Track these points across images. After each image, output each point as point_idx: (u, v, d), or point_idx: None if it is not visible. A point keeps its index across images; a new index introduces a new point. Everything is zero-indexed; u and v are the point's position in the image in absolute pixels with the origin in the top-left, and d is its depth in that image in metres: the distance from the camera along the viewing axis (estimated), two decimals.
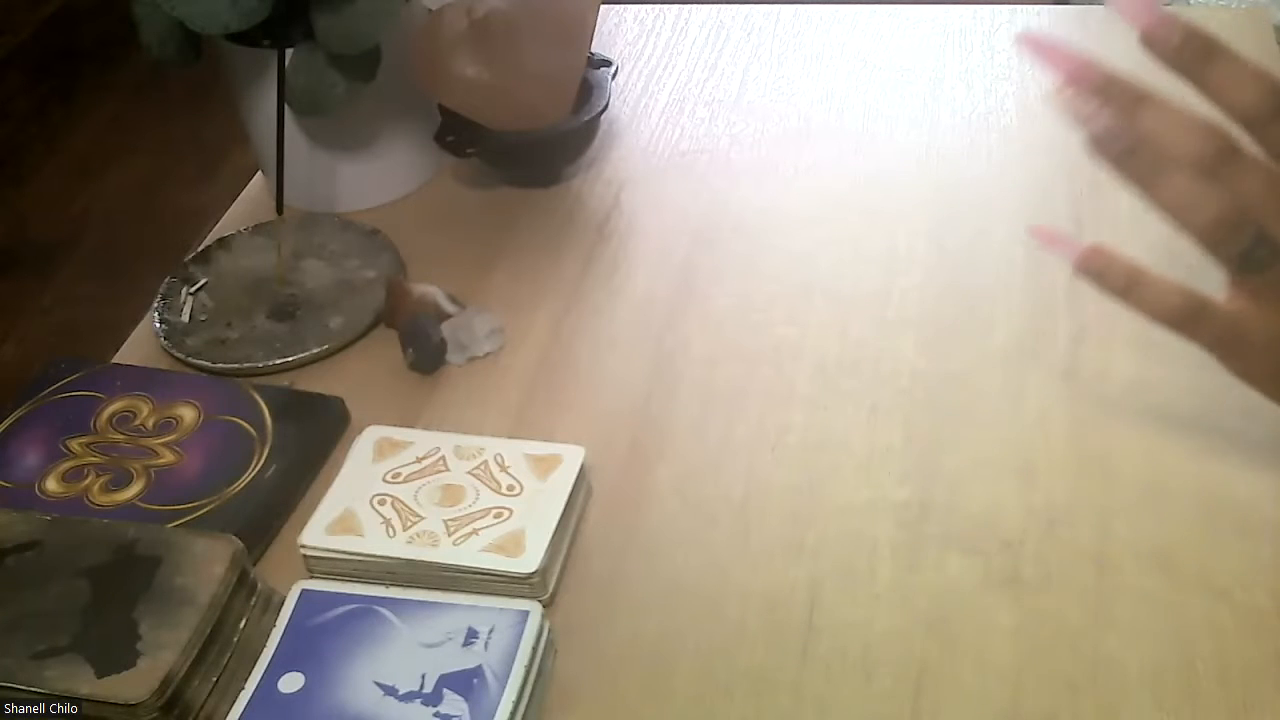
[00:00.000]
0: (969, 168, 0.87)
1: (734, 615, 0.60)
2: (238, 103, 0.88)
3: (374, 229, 0.85)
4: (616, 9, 1.07)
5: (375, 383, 0.75)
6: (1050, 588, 0.60)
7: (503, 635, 0.57)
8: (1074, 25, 1.00)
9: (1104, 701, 0.55)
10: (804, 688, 0.57)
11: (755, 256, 0.82)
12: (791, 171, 0.89)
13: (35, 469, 0.69)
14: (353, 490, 0.65)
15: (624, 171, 0.90)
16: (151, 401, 0.73)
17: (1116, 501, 0.63)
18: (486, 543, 0.61)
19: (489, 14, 0.82)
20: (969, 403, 0.70)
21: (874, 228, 0.82)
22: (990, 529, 0.63)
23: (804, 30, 1.03)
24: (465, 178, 0.91)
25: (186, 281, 0.83)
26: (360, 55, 0.79)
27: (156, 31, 0.80)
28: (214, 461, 0.69)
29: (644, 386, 0.73)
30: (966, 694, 0.56)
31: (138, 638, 0.55)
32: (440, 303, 0.76)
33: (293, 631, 0.58)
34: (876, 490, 0.65)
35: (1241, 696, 0.55)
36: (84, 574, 0.58)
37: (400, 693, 0.55)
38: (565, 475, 0.64)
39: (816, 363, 0.73)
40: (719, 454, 0.68)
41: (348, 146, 0.88)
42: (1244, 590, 0.58)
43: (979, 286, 0.77)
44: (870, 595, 0.60)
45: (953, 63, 0.97)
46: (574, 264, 0.82)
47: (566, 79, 0.83)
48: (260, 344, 0.78)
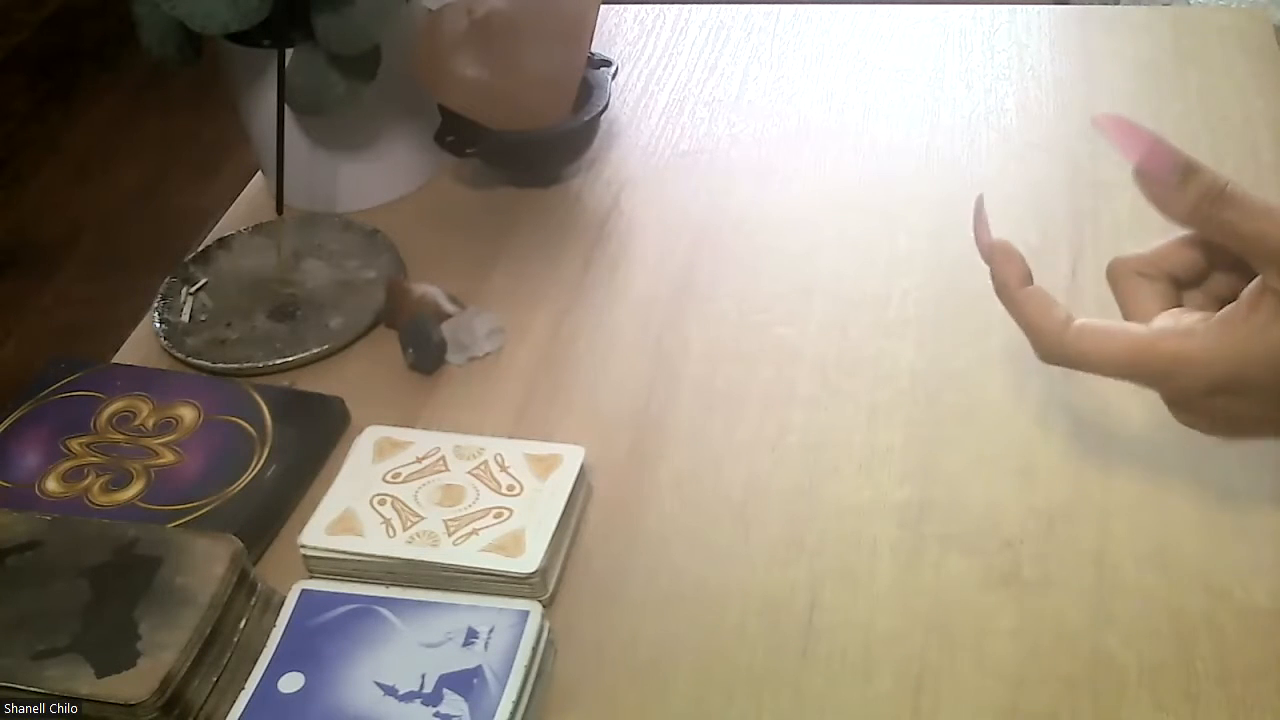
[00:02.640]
0: (969, 168, 0.87)
1: (734, 615, 0.60)
2: (238, 103, 0.88)
3: (374, 229, 0.85)
4: (616, 9, 1.07)
5: (375, 383, 0.75)
6: (1050, 588, 0.60)
7: (503, 635, 0.57)
8: (1074, 25, 1.00)
9: (1104, 701, 0.55)
10: (804, 688, 0.57)
11: (755, 256, 0.82)
12: (791, 171, 0.89)
13: (35, 469, 0.69)
14: (353, 490, 0.65)
15: (624, 171, 0.90)
16: (151, 401, 0.73)
17: (1116, 501, 0.63)
18: (486, 543, 0.61)
19: (489, 14, 0.82)
20: (969, 403, 0.70)
21: (874, 228, 0.82)
22: (990, 529, 0.63)
23: (804, 30, 1.03)
24: (465, 178, 0.91)
25: (186, 281, 0.83)
26: (360, 55, 0.79)
27: (156, 31, 0.80)
28: (214, 461, 0.69)
29: (644, 386, 0.73)
30: (966, 694, 0.56)
31: (138, 638, 0.55)
32: (440, 303, 0.76)
33: (293, 631, 0.58)
34: (876, 490, 0.65)
35: (1241, 696, 0.55)
36: (84, 574, 0.58)
37: (400, 693, 0.55)
38: (565, 475, 0.64)
39: (816, 363, 0.73)
40: (719, 454, 0.68)
41: (348, 146, 0.88)
42: (1244, 590, 0.59)
43: (979, 286, 0.76)
44: (870, 595, 0.60)
45: (953, 63, 0.97)
46: (574, 264, 0.82)
47: (566, 79, 0.83)
48: (260, 344, 0.78)
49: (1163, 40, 0.96)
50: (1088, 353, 0.49)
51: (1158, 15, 1.00)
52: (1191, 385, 0.48)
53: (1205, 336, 0.47)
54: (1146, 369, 0.48)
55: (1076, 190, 0.83)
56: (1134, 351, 0.48)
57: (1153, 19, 0.99)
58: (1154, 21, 0.99)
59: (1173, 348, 0.48)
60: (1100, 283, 0.54)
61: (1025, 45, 0.97)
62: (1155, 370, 0.48)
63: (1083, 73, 0.94)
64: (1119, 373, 0.49)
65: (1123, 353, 0.48)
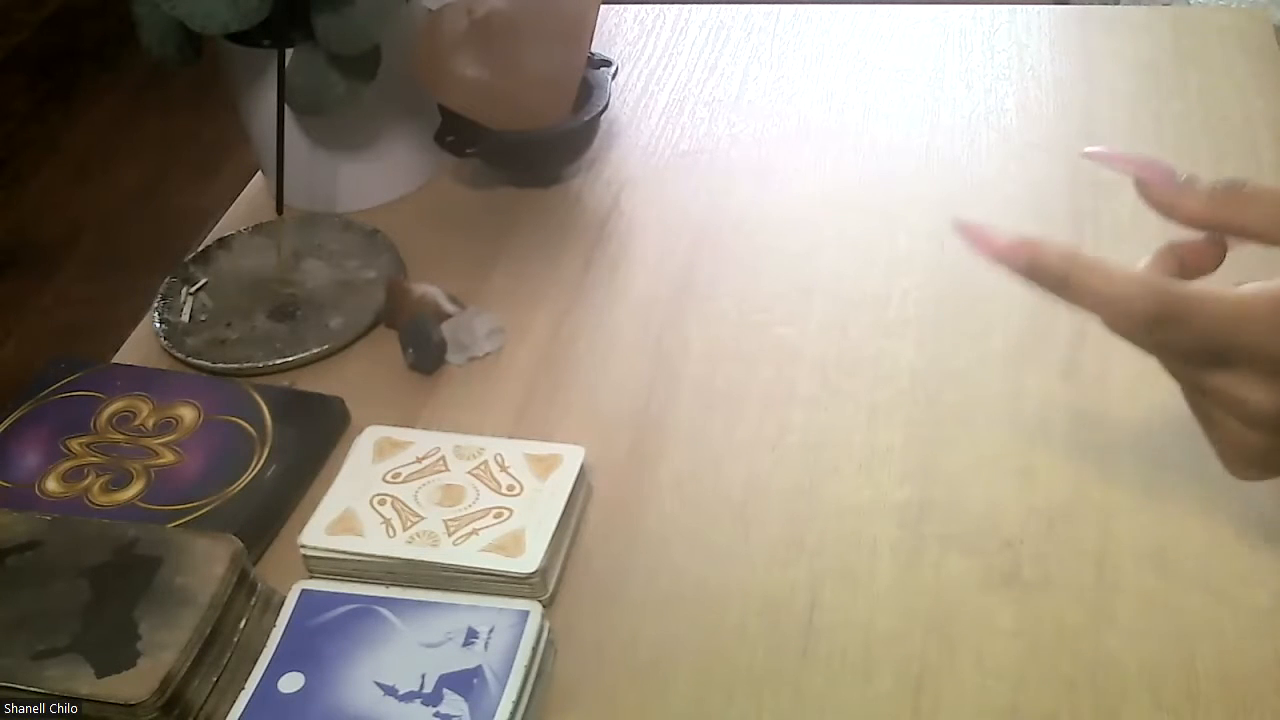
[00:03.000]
0: (969, 168, 0.87)
1: (734, 615, 0.60)
2: (238, 103, 0.88)
3: (374, 229, 0.85)
4: (616, 9, 1.07)
5: (375, 383, 0.75)
6: (1050, 588, 0.60)
7: (503, 635, 0.57)
8: (1074, 25, 1.00)
9: (1104, 701, 0.55)
10: (804, 688, 0.57)
11: (755, 256, 0.82)
12: (791, 171, 0.89)
13: (35, 469, 0.69)
14: (353, 490, 0.65)
15: (624, 171, 0.90)
16: (151, 401, 0.73)
17: (1116, 501, 0.63)
18: (486, 543, 0.61)
19: (489, 14, 0.82)
20: (969, 403, 0.70)
21: (874, 228, 0.82)
22: (990, 529, 0.63)
23: (804, 30, 1.03)
24: (465, 178, 0.91)
25: (186, 281, 0.83)
26: (360, 55, 0.79)
27: (156, 31, 0.80)
28: (214, 461, 0.69)
29: (644, 386, 0.73)
30: (966, 694, 0.56)
31: (138, 638, 0.55)
32: (440, 303, 0.76)
33: (293, 631, 0.58)
34: (876, 490, 0.65)
35: (1241, 696, 0.55)
36: (84, 574, 0.58)
37: (400, 693, 0.55)
38: (565, 475, 0.64)
39: (816, 363, 0.73)
40: (719, 454, 0.68)
41: (348, 146, 0.88)
42: (1244, 590, 0.59)
43: (979, 286, 0.77)
44: (870, 595, 0.60)
45: (953, 63, 0.97)
46: (574, 264, 0.82)
47: (566, 79, 0.83)
48: (260, 344, 0.78)
49: (1163, 40, 0.96)
50: (1191, 302, 0.45)
51: (1158, 15, 1.00)
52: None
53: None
54: (1261, 318, 0.45)
55: (1076, 190, 0.83)
56: (1242, 302, 0.45)
57: (1153, 19, 0.99)
58: (1154, 21, 0.99)
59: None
60: None
61: (1025, 45, 0.97)
62: (1272, 318, 0.45)
63: (1083, 73, 0.94)
64: (1227, 327, 0.45)
65: (1231, 301, 0.45)
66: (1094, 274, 0.46)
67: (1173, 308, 0.45)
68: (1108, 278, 0.46)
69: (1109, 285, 0.46)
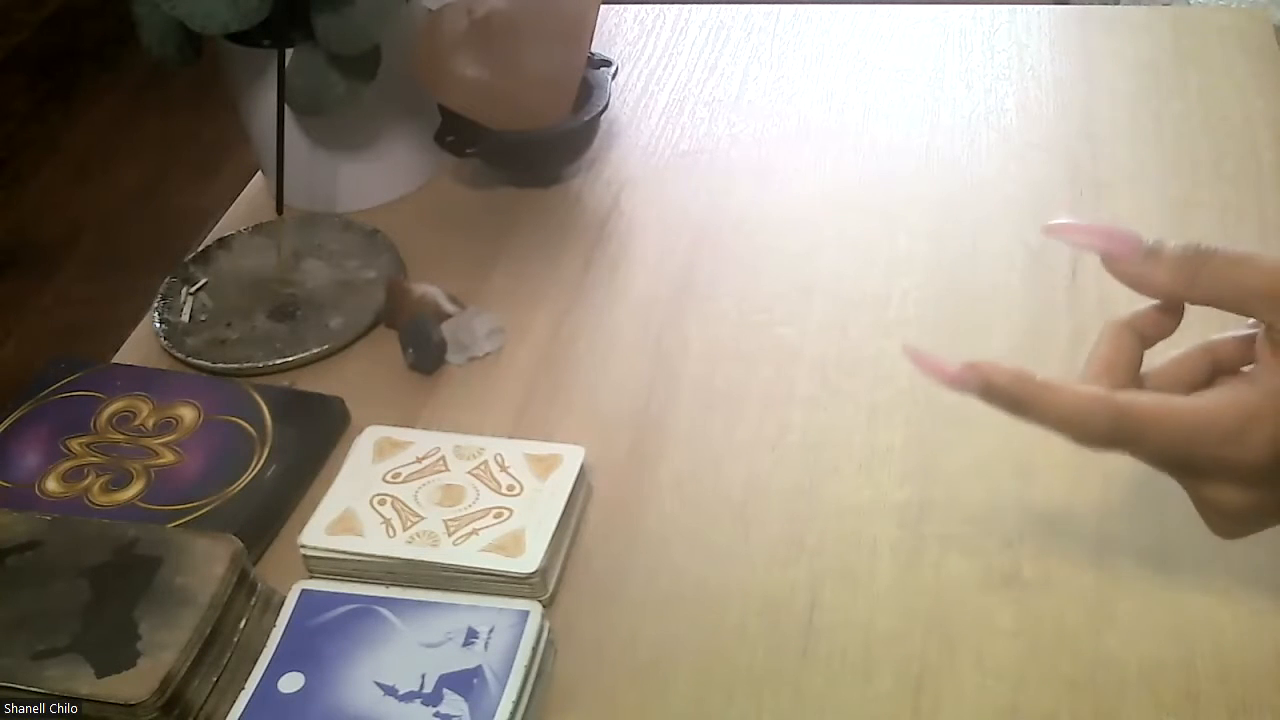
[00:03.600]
0: (969, 168, 0.87)
1: (734, 615, 0.60)
2: (238, 103, 0.88)
3: (374, 229, 0.85)
4: (616, 9, 1.07)
5: (375, 383, 0.75)
6: (1050, 588, 0.60)
7: (503, 635, 0.57)
8: (1074, 25, 1.00)
9: (1104, 701, 0.55)
10: (804, 688, 0.57)
11: (755, 256, 0.82)
12: (791, 171, 0.89)
13: (35, 469, 0.69)
14: (353, 490, 0.65)
15: (624, 171, 0.90)
16: (151, 401, 0.73)
17: (1116, 501, 0.63)
18: (486, 543, 0.61)
19: (489, 14, 0.82)
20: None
21: (874, 228, 0.82)
22: (990, 529, 0.63)
23: (804, 30, 1.03)
24: (465, 178, 0.91)
25: (186, 281, 0.83)
26: (360, 55, 0.79)
27: (156, 31, 0.80)
28: (214, 461, 0.69)
29: (644, 386, 0.73)
30: (966, 694, 0.56)
31: (138, 638, 0.55)
32: (440, 303, 0.76)
33: (293, 631, 0.58)
34: (876, 490, 0.65)
35: (1241, 696, 0.55)
36: (84, 574, 0.58)
37: (400, 693, 0.55)
38: (565, 475, 0.64)
39: (816, 363, 0.73)
40: (719, 454, 0.68)
41: (348, 146, 0.88)
42: (1244, 590, 0.58)
43: (979, 286, 0.77)
44: (870, 595, 0.60)
45: (953, 63, 0.97)
46: (574, 264, 0.82)
47: (566, 79, 0.83)
48: (260, 344, 0.78)
49: (1163, 40, 0.96)
50: (1145, 421, 0.45)
51: (1158, 15, 1.00)
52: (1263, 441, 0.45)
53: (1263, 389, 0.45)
54: (1215, 430, 0.45)
55: (1076, 190, 0.83)
56: (1196, 415, 0.45)
57: (1153, 19, 0.99)
58: (1154, 21, 0.99)
59: (1239, 404, 0.45)
60: (1100, 283, 0.54)
61: (1025, 45, 0.97)
62: (1226, 430, 0.45)
63: (1083, 73, 0.94)
64: (1182, 442, 0.45)
65: (1186, 415, 0.45)
66: (1046, 395, 0.46)
67: (1127, 427, 0.45)
68: (1059, 398, 0.46)
69: (1061, 406, 0.46)
